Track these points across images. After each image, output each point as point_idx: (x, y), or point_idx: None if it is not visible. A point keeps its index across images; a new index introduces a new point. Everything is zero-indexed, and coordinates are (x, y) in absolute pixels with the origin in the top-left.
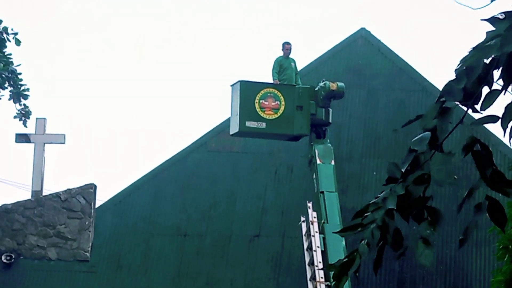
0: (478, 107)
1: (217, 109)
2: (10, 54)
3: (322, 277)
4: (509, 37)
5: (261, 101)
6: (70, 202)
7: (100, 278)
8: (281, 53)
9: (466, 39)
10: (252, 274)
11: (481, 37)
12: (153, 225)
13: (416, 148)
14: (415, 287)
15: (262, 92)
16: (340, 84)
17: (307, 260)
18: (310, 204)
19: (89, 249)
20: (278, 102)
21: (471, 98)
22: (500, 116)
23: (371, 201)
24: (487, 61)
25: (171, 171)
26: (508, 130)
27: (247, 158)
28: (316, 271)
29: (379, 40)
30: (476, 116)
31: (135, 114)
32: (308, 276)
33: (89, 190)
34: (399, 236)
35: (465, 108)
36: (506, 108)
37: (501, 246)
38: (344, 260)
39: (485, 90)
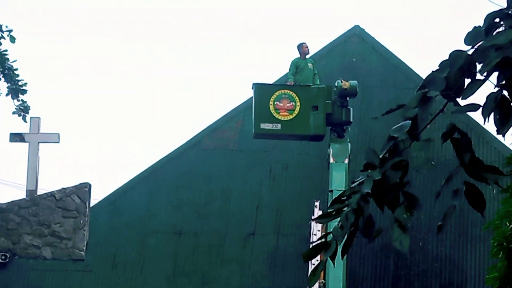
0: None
1: (212, 108)
2: (6, 51)
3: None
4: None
5: (275, 102)
6: (65, 201)
7: (95, 277)
8: (297, 55)
9: (462, 36)
10: (247, 272)
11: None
12: (148, 223)
13: (396, 135)
14: (410, 285)
15: (277, 93)
16: (353, 82)
17: None
18: (317, 203)
19: (84, 248)
20: (293, 103)
21: (453, 88)
22: (482, 104)
23: (349, 187)
24: (470, 52)
25: (166, 169)
26: (488, 119)
27: (242, 156)
28: (310, 267)
29: (373, 38)
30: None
31: (129, 113)
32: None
33: (84, 189)
34: (370, 222)
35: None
36: (487, 97)
37: (495, 243)
38: (317, 243)
39: (468, 81)
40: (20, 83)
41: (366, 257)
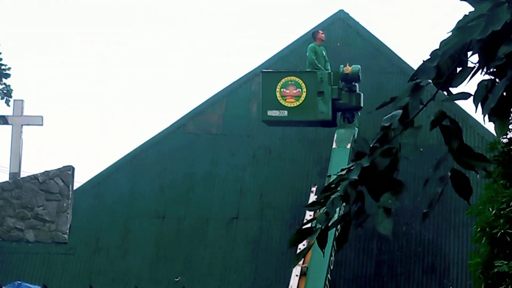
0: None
1: (195, 92)
2: None
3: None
4: (493, 17)
5: (282, 89)
6: (48, 184)
7: (78, 260)
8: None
9: (445, 21)
10: (230, 256)
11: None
12: (131, 207)
13: (387, 124)
14: (393, 269)
15: (283, 80)
16: (355, 67)
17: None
18: (314, 188)
19: (67, 231)
20: (300, 90)
21: (444, 77)
22: (473, 93)
23: (338, 174)
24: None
25: (149, 153)
26: (479, 107)
27: (225, 141)
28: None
29: (358, 22)
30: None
31: (113, 97)
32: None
33: (67, 172)
34: (361, 211)
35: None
36: (478, 85)
37: (478, 229)
38: (303, 228)
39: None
40: (3, 67)
41: (349, 241)
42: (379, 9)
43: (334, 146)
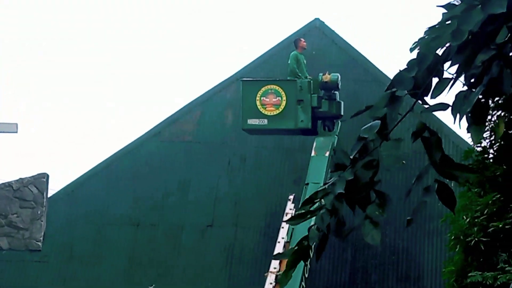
0: (428, 98)
1: (170, 99)
2: None
3: (275, 267)
4: (466, 17)
5: (262, 98)
6: (22, 192)
7: (52, 268)
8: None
9: (421, 30)
10: (204, 264)
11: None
12: (105, 215)
13: (366, 136)
14: (367, 277)
15: (263, 89)
16: (334, 75)
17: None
18: (291, 197)
19: (41, 238)
20: (280, 98)
21: (421, 87)
22: (451, 104)
23: (320, 188)
24: (439, 52)
25: (124, 161)
26: (458, 117)
27: (200, 148)
28: (273, 261)
29: (333, 31)
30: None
31: (88, 104)
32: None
33: (42, 180)
34: (341, 222)
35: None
36: (456, 96)
37: (452, 237)
38: (295, 248)
39: (436, 80)
40: None
41: (324, 249)
42: (354, 17)
43: (313, 154)
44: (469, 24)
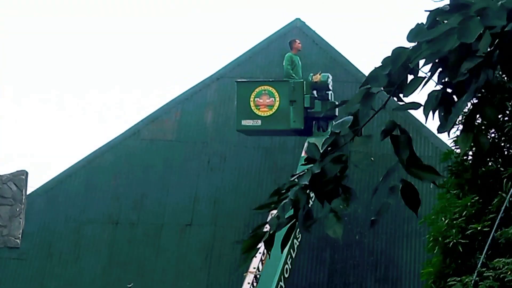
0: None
1: (150, 98)
2: None
3: (254, 267)
4: (465, 30)
5: (256, 99)
6: (1, 189)
7: (30, 265)
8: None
9: (402, 30)
10: (183, 263)
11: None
12: (84, 213)
13: (337, 130)
14: (346, 278)
15: (257, 90)
16: (324, 75)
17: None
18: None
19: (20, 236)
20: (273, 99)
21: (395, 85)
22: (423, 103)
23: (289, 180)
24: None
25: (104, 159)
26: (429, 116)
27: (180, 147)
28: (254, 260)
29: (314, 31)
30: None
31: (67, 100)
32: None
33: (21, 177)
34: (309, 215)
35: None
36: (428, 95)
37: (431, 238)
38: (252, 233)
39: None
40: None
41: (302, 249)
42: (335, 18)
43: (302, 154)
44: (468, 37)
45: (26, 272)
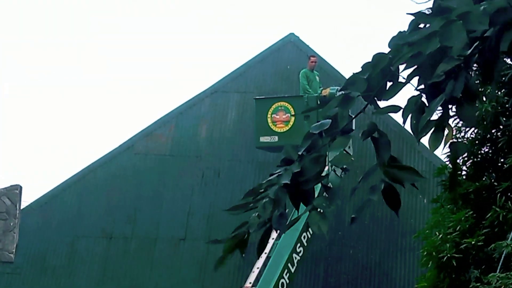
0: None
1: (144, 112)
2: None
3: (250, 282)
4: (447, 33)
5: (273, 115)
6: None
7: (24, 280)
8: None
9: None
10: (177, 277)
11: None
12: (78, 227)
13: (315, 132)
14: None
15: (274, 106)
16: (333, 89)
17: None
18: None
19: (14, 250)
20: (289, 115)
21: (374, 90)
22: (403, 107)
23: (265, 180)
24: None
25: (97, 173)
26: (408, 120)
27: (174, 161)
28: (252, 274)
29: (308, 46)
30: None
31: (62, 116)
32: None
33: (15, 191)
34: (283, 216)
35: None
36: (408, 100)
37: (425, 253)
38: (233, 234)
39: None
40: None
41: (297, 263)
42: (329, 33)
43: None
44: (450, 41)
45: (20, 287)
